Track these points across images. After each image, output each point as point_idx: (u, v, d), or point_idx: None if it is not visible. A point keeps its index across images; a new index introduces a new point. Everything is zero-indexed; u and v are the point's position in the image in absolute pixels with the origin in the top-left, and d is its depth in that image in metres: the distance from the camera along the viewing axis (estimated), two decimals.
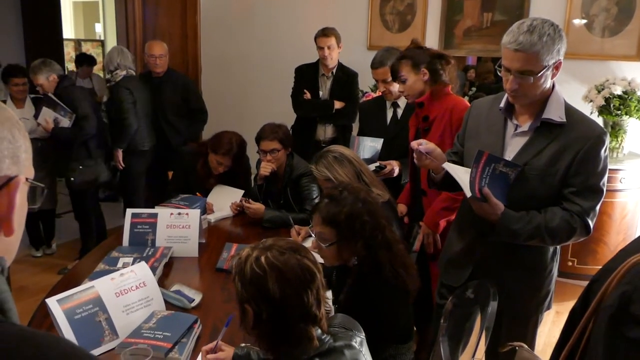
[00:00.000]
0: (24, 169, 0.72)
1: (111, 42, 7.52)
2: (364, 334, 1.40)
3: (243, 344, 1.56)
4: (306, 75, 4.03)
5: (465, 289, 1.89)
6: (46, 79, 3.86)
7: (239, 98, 5.26)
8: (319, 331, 1.27)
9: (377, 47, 4.58)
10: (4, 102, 4.01)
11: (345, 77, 3.98)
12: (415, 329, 2.94)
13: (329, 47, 3.82)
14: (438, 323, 1.92)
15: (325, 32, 3.84)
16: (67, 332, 1.64)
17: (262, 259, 1.24)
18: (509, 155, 1.83)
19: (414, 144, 1.93)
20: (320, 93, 4.00)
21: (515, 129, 1.85)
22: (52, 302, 1.69)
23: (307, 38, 4.05)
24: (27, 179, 0.73)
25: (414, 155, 1.94)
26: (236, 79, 5.29)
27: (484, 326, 1.75)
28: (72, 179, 3.87)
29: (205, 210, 2.86)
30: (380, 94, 3.21)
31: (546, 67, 1.67)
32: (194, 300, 1.98)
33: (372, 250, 1.74)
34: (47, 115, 3.79)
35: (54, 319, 1.69)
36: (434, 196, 2.49)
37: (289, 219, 2.69)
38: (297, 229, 2.64)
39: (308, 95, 3.95)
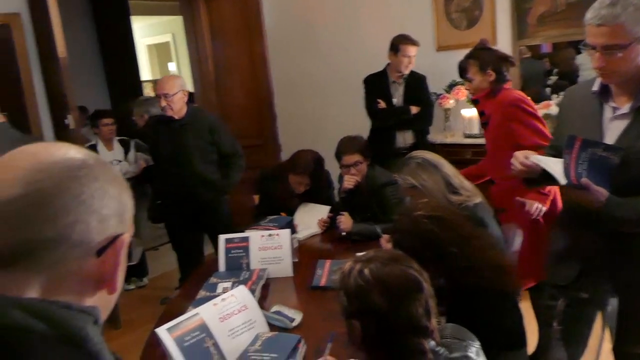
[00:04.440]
0: (128, 228, 0.73)
1: (186, 78, 7.85)
2: (478, 343, 1.33)
3: None
4: (377, 84, 4.01)
5: (578, 289, 1.77)
6: (140, 117, 4.13)
7: (312, 116, 5.32)
8: (432, 343, 1.22)
9: (446, 47, 4.50)
10: (95, 145, 4.29)
11: (414, 82, 3.95)
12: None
13: (413, 56, 3.82)
14: (547, 325, 1.81)
15: (413, 41, 3.82)
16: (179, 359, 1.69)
17: (366, 271, 1.22)
18: (609, 140, 1.70)
19: (521, 160, 1.84)
20: (394, 100, 3.97)
21: (614, 112, 1.72)
22: (162, 331, 1.74)
23: (371, 47, 4.05)
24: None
25: (518, 167, 1.85)
26: (307, 98, 5.36)
27: (604, 327, 1.62)
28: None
29: (294, 229, 2.88)
30: None
31: (636, 39, 1.55)
32: (294, 319, 1.98)
33: (451, 269, 1.66)
34: (141, 158, 4.14)
35: (165, 348, 1.74)
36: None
37: (377, 230, 2.65)
38: (387, 238, 2.60)
39: (383, 104, 3.93)
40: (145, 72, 8.93)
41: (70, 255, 0.65)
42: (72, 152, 0.69)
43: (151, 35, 9.30)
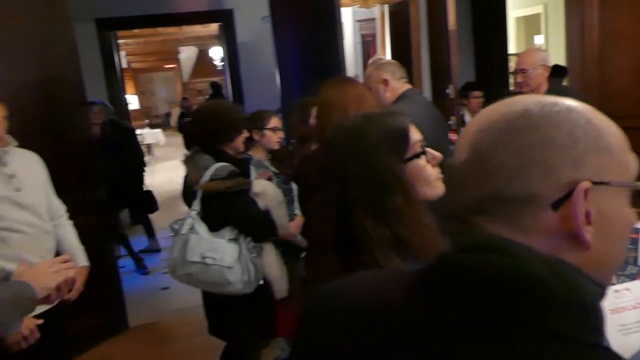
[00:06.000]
0: (594, 172, 0.62)
1: (555, 52, 7.43)
2: None
3: None
4: None
5: None
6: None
7: None
8: None
9: None
10: (462, 116, 4.46)
11: None
12: None
13: None
14: None
15: None
16: None
17: None
18: None
19: None
20: None
21: None
22: None
23: None
24: (598, 182, 0.61)
25: None
26: None
27: None
28: None
29: None
30: None
31: None
32: None
33: None
34: None
35: None
36: None
37: None
38: None
39: None
40: (511, 46, 8.79)
41: (516, 210, 0.62)
42: (514, 106, 0.65)
43: (520, 8, 9.05)
